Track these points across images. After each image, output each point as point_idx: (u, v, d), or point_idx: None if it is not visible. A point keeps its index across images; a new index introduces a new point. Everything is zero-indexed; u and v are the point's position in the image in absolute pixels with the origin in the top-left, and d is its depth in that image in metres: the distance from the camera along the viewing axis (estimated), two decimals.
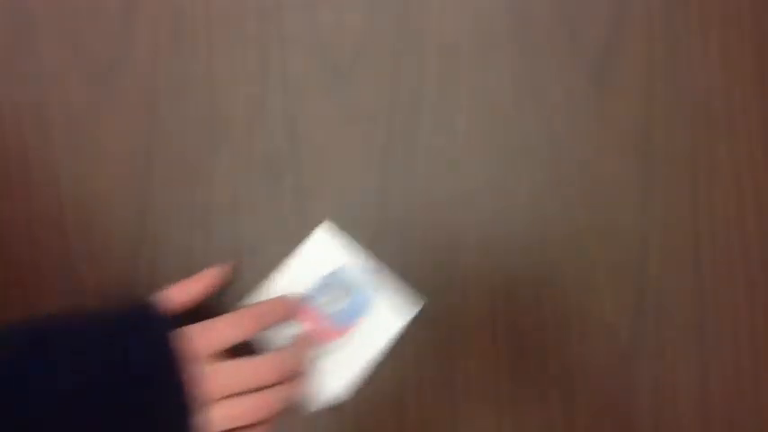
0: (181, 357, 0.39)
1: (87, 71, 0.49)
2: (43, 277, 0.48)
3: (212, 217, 0.49)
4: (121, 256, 0.48)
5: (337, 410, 0.47)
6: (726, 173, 0.49)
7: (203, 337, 0.41)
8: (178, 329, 0.40)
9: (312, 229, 0.48)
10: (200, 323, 0.42)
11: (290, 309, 0.46)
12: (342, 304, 0.47)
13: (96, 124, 0.49)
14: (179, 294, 0.44)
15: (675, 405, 0.47)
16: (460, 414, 0.47)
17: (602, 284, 0.48)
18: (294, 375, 0.43)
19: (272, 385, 0.42)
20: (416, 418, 0.47)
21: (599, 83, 0.50)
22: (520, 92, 0.50)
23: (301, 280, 0.47)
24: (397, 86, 0.49)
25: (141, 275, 0.48)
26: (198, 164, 0.49)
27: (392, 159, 0.49)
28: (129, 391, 0.38)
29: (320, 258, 0.47)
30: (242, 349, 0.43)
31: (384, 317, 0.47)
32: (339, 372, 0.46)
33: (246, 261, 0.48)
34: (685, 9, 0.51)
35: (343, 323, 0.47)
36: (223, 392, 0.40)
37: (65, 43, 0.50)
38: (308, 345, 0.46)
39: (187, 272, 0.47)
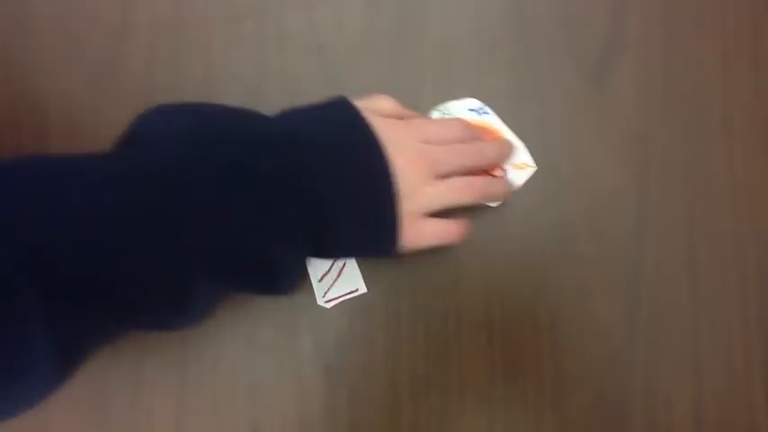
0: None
1: (85, 68, 0.50)
2: None
3: None
4: None
5: (331, 410, 0.47)
6: (722, 177, 0.49)
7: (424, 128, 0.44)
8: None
9: None
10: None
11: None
12: None
13: (94, 121, 0.49)
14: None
15: (668, 409, 0.47)
16: (454, 414, 0.47)
17: (596, 288, 0.48)
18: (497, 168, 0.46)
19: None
20: (410, 419, 0.47)
21: (597, 85, 0.50)
22: (518, 92, 0.50)
23: None
24: (395, 87, 0.49)
25: None
26: None
27: None
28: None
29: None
30: None
31: None
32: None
33: None
34: (683, 12, 0.51)
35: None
36: (442, 167, 0.42)
37: (63, 40, 0.50)
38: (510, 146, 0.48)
39: None
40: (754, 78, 0.50)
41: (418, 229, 0.41)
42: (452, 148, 0.44)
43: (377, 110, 0.44)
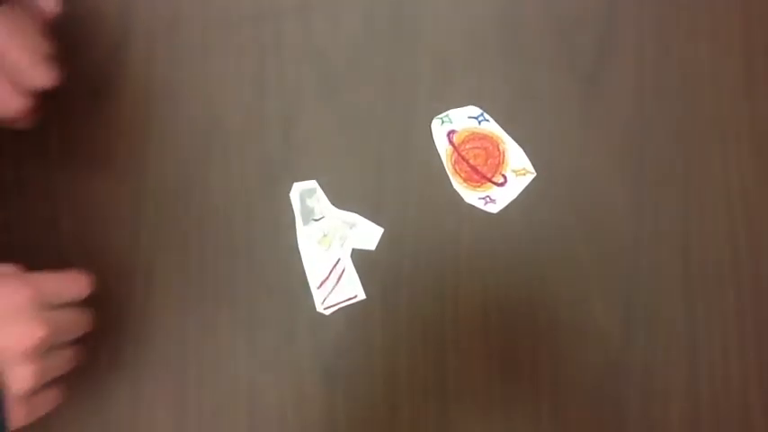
0: None
1: (83, 76, 0.49)
2: None
3: (207, 221, 0.49)
4: (116, 260, 0.48)
5: (330, 414, 0.47)
6: (716, 180, 0.49)
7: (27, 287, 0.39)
8: None
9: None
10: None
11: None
12: None
13: (92, 128, 0.49)
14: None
15: (665, 410, 0.48)
16: (451, 417, 0.47)
17: (592, 291, 0.48)
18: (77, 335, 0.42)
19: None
20: (408, 423, 0.47)
21: (590, 91, 0.50)
22: (511, 98, 0.50)
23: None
24: (391, 92, 0.49)
25: (136, 279, 0.48)
26: (193, 168, 0.49)
27: (386, 165, 0.49)
28: None
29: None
30: None
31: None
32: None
33: (241, 265, 0.48)
34: (675, 18, 0.51)
35: None
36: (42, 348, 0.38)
37: (61, 48, 0.49)
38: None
39: (183, 277, 0.48)
40: (746, 80, 0.51)
41: (28, 410, 0.39)
42: (57, 321, 0.39)
43: None
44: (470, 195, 0.49)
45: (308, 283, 0.48)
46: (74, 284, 0.42)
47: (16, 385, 0.37)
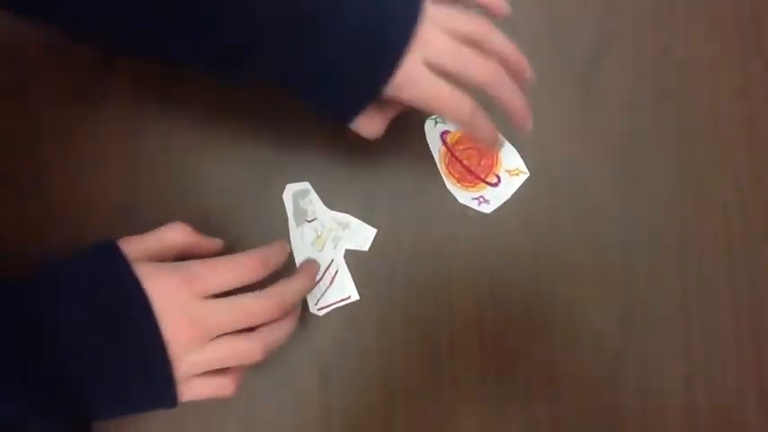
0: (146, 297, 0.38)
1: (77, 77, 0.49)
2: None
3: (201, 222, 0.48)
4: None
5: (325, 415, 0.47)
6: (712, 181, 0.50)
7: (201, 278, 0.40)
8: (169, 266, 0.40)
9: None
10: (200, 261, 0.41)
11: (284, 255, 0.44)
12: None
13: (83, 131, 0.49)
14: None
15: (662, 412, 0.48)
16: (447, 420, 0.47)
17: (588, 292, 0.48)
18: (287, 313, 0.42)
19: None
20: (404, 424, 0.47)
21: (586, 95, 0.50)
22: None
23: None
24: None
25: None
26: (186, 170, 0.49)
27: (379, 165, 0.49)
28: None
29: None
30: None
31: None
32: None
33: None
34: (672, 22, 0.51)
35: None
36: (214, 332, 0.39)
37: (54, 45, 0.49)
38: (309, 279, 0.45)
39: None
40: (741, 80, 0.51)
41: (190, 390, 0.40)
42: (226, 309, 0.40)
43: (163, 247, 0.42)
44: (464, 196, 0.49)
45: None
46: (239, 271, 0.41)
47: (181, 369, 0.39)
